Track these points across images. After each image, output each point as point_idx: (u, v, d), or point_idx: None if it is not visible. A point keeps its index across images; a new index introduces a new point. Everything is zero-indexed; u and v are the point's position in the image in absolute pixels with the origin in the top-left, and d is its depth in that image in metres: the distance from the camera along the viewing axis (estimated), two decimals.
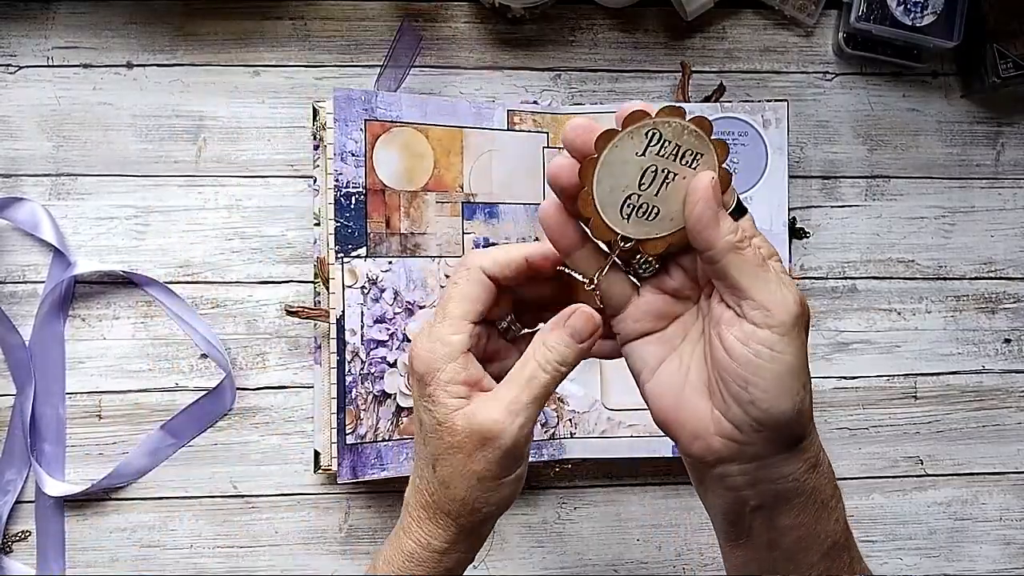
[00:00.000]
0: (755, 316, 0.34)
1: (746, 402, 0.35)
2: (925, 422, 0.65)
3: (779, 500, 0.36)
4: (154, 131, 0.61)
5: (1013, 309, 0.65)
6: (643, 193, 0.36)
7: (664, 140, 0.36)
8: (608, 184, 0.36)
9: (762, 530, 0.37)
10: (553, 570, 0.62)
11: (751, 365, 0.34)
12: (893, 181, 0.65)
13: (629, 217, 0.36)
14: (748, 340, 0.34)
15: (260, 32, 0.61)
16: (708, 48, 0.64)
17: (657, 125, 0.35)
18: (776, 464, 0.36)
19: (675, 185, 0.36)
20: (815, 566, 0.37)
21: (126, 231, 0.60)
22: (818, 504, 0.37)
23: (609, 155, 0.36)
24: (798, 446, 0.36)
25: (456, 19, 0.63)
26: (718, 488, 0.37)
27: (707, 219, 0.34)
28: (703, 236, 0.34)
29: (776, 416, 0.34)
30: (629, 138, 0.36)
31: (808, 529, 0.37)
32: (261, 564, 0.60)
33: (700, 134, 0.36)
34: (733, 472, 0.36)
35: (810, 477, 0.36)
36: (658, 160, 0.36)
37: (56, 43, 0.60)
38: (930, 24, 0.60)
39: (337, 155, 0.55)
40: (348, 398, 0.55)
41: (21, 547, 0.59)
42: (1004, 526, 0.65)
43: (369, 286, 0.56)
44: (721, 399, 0.36)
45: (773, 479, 0.36)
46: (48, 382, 0.59)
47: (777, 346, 0.34)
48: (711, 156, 0.36)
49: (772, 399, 0.34)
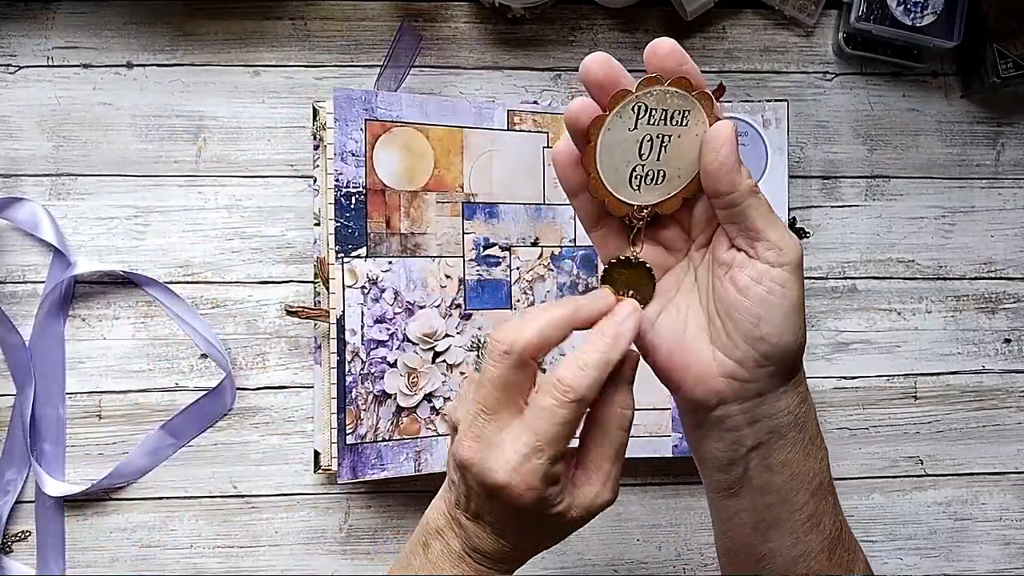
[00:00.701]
0: (769, 256, 0.37)
1: (756, 338, 0.37)
2: (925, 422, 0.65)
3: (774, 436, 0.39)
4: (154, 131, 0.61)
5: (1013, 309, 0.65)
6: (646, 162, 0.38)
7: (651, 110, 0.37)
8: (611, 165, 0.38)
9: (758, 471, 0.39)
10: (553, 570, 0.62)
11: (764, 302, 0.37)
12: (893, 181, 0.65)
13: (640, 187, 0.38)
14: (761, 279, 0.37)
15: (260, 32, 0.61)
16: (708, 48, 0.64)
17: (640, 98, 0.37)
18: (775, 398, 0.38)
19: (673, 145, 0.38)
20: (804, 506, 0.39)
21: (126, 231, 0.60)
22: (807, 439, 0.39)
23: (604, 138, 0.38)
24: (794, 379, 0.39)
25: (456, 19, 0.63)
26: (717, 431, 0.39)
27: (731, 163, 0.36)
28: (728, 179, 0.36)
29: (783, 349, 0.37)
30: (618, 118, 0.37)
31: (799, 466, 0.39)
32: (261, 564, 0.60)
33: (682, 93, 0.37)
34: (734, 412, 0.38)
35: (801, 410, 0.39)
36: (650, 129, 0.38)
37: (56, 43, 0.60)
38: (930, 24, 0.60)
39: (337, 155, 0.55)
40: (348, 398, 0.55)
41: (21, 547, 0.59)
42: (1004, 526, 0.65)
43: (369, 286, 0.56)
44: (726, 339, 0.38)
45: (771, 414, 0.38)
46: (48, 382, 0.59)
47: (787, 283, 0.37)
48: (698, 109, 0.38)
49: (781, 333, 0.37)
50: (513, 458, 0.35)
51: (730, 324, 0.38)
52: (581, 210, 0.40)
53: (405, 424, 0.56)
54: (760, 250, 0.37)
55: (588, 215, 0.40)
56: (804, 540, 0.40)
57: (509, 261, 0.59)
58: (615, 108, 0.37)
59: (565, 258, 0.60)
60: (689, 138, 0.38)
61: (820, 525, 0.40)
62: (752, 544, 0.41)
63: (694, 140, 0.38)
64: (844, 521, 0.42)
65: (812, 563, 0.40)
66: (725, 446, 0.39)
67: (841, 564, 0.41)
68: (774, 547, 0.40)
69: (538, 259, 0.59)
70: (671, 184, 0.39)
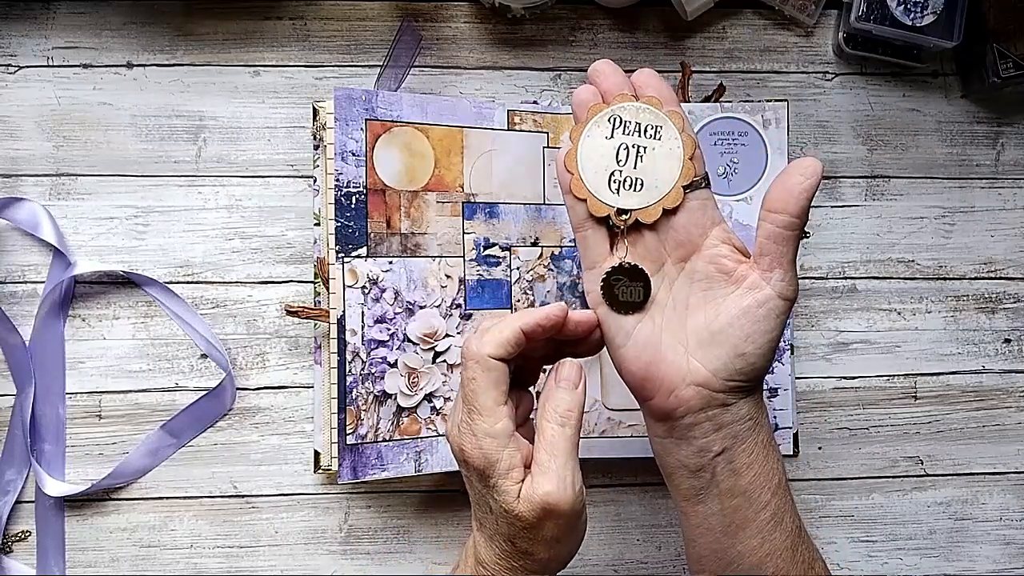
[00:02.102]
0: (780, 287, 0.41)
1: (738, 355, 0.41)
2: (925, 422, 0.65)
3: (737, 440, 0.42)
4: (154, 131, 0.61)
5: (1013, 309, 0.65)
6: (623, 168, 0.42)
7: (625, 122, 0.42)
8: (592, 168, 0.42)
9: (725, 474, 0.42)
10: None
11: (758, 325, 0.40)
12: (893, 181, 0.65)
13: (619, 191, 0.42)
14: (764, 303, 0.40)
15: (260, 32, 0.61)
16: (708, 48, 0.64)
17: (615, 111, 0.42)
18: (738, 407, 0.42)
19: (648, 156, 0.42)
20: (768, 505, 0.42)
21: (126, 231, 0.60)
22: (765, 440, 0.43)
23: (583, 144, 0.42)
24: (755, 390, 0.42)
25: (456, 19, 0.63)
26: (687, 439, 0.42)
27: (811, 192, 0.40)
28: (801, 204, 0.40)
29: (756, 369, 0.41)
30: (596, 127, 0.42)
31: (761, 466, 0.42)
32: (261, 564, 0.60)
33: (653, 110, 0.42)
34: (701, 419, 0.41)
35: (759, 415, 0.43)
36: (626, 138, 0.42)
37: (56, 43, 0.60)
38: (930, 24, 0.60)
39: (338, 154, 0.55)
40: (348, 398, 0.55)
41: (21, 547, 0.59)
42: (1004, 526, 0.65)
43: (369, 286, 0.56)
44: (707, 351, 0.41)
45: (734, 420, 0.42)
46: (48, 382, 0.59)
47: (781, 316, 0.41)
48: (670, 126, 0.42)
49: (760, 355, 0.41)
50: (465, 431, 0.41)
51: (719, 337, 0.41)
52: (571, 209, 0.44)
53: (405, 424, 0.56)
54: (775, 278, 0.41)
55: (576, 215, 0.44)
56: (770, 539, 0.42)
57: (509, 261, 0.59)
58: (592, 118, 0.42)
59: (565, 258, 0.60)
60: (664, 151, 0.42)
61: (783, 523, 0.42)
62: (722, 548, 0.43)
63: (668, 154, 0.42)
64: (801, 519, 0.44)
65: (778, 561, 0.42)
66: (694, 452, 0.42)
67: (804, 560, 0.43)
68: (743, 548, 0.42)
69: (538, 259, 0.59)
70: (650, 193, 0.42)
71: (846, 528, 0.64)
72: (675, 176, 0.42)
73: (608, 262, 0.43)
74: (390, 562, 0.61)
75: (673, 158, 0.42)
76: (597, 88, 0.43)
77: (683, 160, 0.42)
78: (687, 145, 0.42)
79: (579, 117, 0.43)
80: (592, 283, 0.43)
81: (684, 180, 0.42)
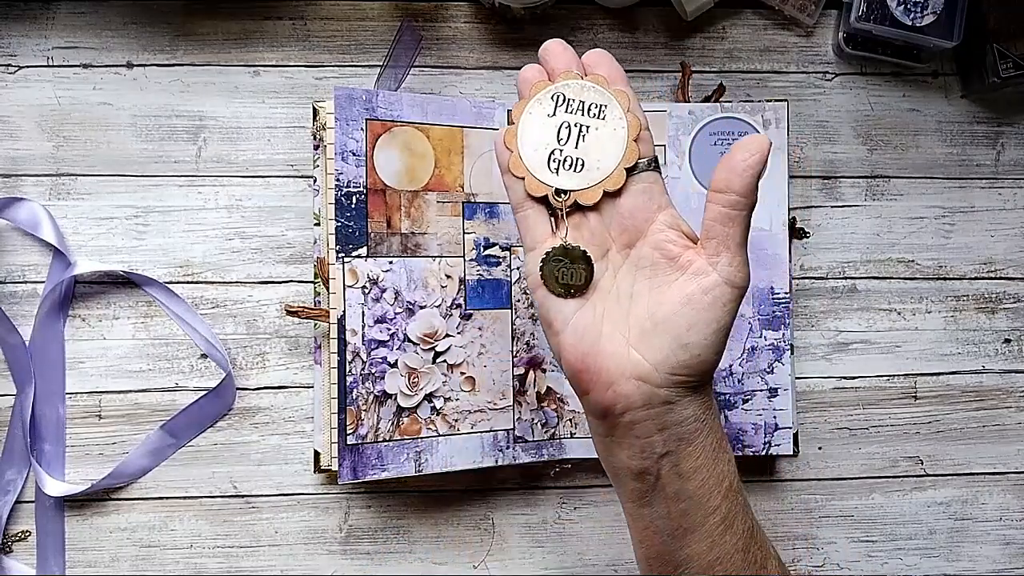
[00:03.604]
0: (728, 272, 0.38)
1: (680, 345, 0.38)
2: (925, 422, 0.65)
3: (683, 443, 0.39)
4: (154, 131, 0.61)
5: (1013, 309, 0.65)
6: (564, 148, 0.41)
7: (568, 100, 0.41)
8: (531, 145, 0.41)
9: (670, 478, 0.40)
10: (553, 570, 0.62)
11: (703, 313, 0.38)
12: (893, 181, 0.65)
13: (558, 171, 0.41)
14: (711, 290, 0.38)
15: (260, 32, 0.61)
16: (708, 48, 0.64)
17: (558, 88, 0.41)
18: (682, 407, 0.39)
19: (591, 136, 0.41)
20: (717, 510, 0.40)
21: (126, 231, 0.60)
22: (714, 443, 0.40)
23: (524, 122, 0.41)
24: (702, 389, 0.40)
25: (456, 19, 0.63)
26: (628, 439, 0.40)
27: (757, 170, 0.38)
28: (746, 182, 0.38)
29: (700, 362, 0.38)
30: (538, 104, 0.41)
31: (709, 471, 0.40)
32: (261, 564, 0.60)
33: (598, 88, 0.41)
34: (642, 418, 0.39)
35: (707, 417, 0.40)
36: (568, 117, 0.41)
37: (56, 43, 0.60)
38: (930, 24, 0.60)
39: (338, 154, 0.55)
40: (349, 398, 0.55)
41: (21, 547, 0.59)
42: (1004, 526, 0.65)
43: (370, 286, 0.56)
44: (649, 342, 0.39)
45: (679, 421, 0.39)
46: (48, 382, 0.59)
47: (729, 304, 0.38)
48: (615, 105, 0.40)
49: (705, 346, 0.38)
50: None
51: (661, 327, 0.39)
52: (509, 189, 0.42)
53: (406, 424, 0.56)
54: (722, 263, 0.38)
55: (516, 194, 0.42)
56: (720, 543, 0.40)
57: (509, 261, 0.59)
58: (535, 95, 0.41)
59: None
60: (607, 131, 0.40)
61: (733, 526, 0.40)
62: (670, 551, 0.41)
63: (612, 134, 0.40)
64: (755, 519, 0.42)
65: (728, 564, 0.40)
66: (636, 453, 0.40)
67: (755, 562, 0.41)
68: (691, 552, 0.40)
69: None
70: (591, 174, 0.40)
71: (846, 528, 0.64)
72: (618, 157, 0.40)
73: (549, 243, 0.41)
74: (390, 562, 0.61)
75: (617, 139, 0.40)
76: (545, 67, 0.42)
77: (627, 141, 0.40)
78: (632, 126, 0.40)
79: (523, 94, 0.42)
80: (531, 264, 0.41)
81: (627, 162, 0.40)
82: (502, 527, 0.62)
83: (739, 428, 0.60)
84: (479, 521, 0.62)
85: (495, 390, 0.58)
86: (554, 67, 0.41)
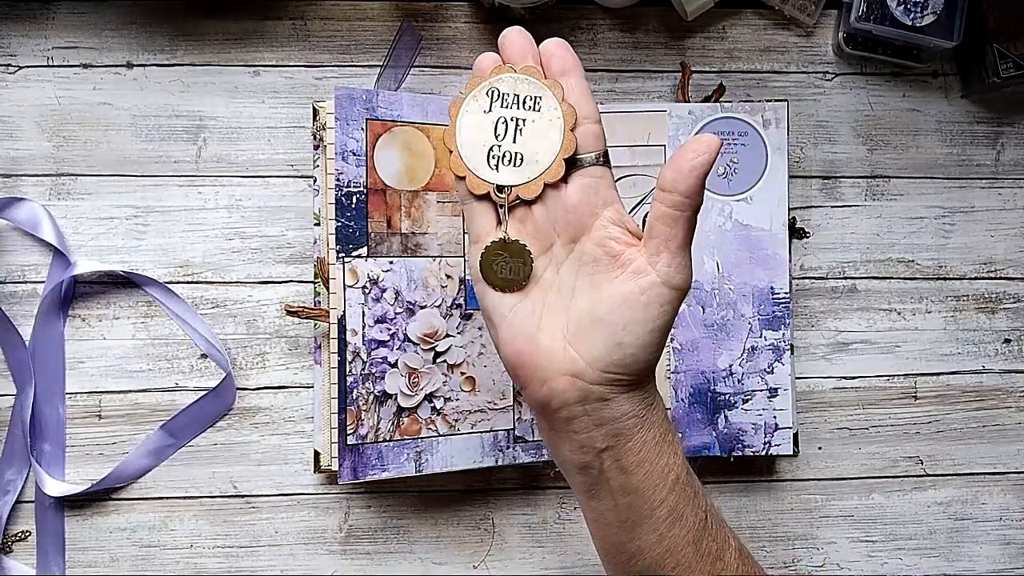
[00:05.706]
0: (666, 273, 0.38)
1: (615, 344, 0.38)
2: (925, 422, 0.65)
3: (622, 439, 0.39)
4: (154, 131, 0.61)
5: (1013, 309, 0.65)
6: (502, 143, 0.40)
7: (503, 94, 0.40)
8: (470, 143, 0.41)
9: (613, 472, 0.40)
10: (553, 570, 0.62)
11: (638, 313, 0.38)
12: (893, 181, 0.65)
13: (498, 167, 0.40)
14: (647, 290, 0.38)
15: (260, 32, 0.61)
16: (708, 48, 0.64)
17: (493, 83, 0.40)
18: (618, 403, 0.39)
19: (528, 129, 0.40)
20: (663, 503, 0.40)
21: (126, 231, 0.60)
22: (657, 438, 0.40)
23: (462, 120, 0.41)
24: (640, 385, 0.40)
25: (456, 19, 0.63)
26: (567, 434, 0.40)
27: (704, 170, 0.37)
28: (692, 183, 0.37)
29: (635, 361, 0.38)
30: (474, 100, 0.40)
31: (652, 464, 0.39)
32: (261, 564, 0.60)
33: (532, 80, 0.40)
34: (578, 413, 0.39)
35: (648, 414, 0.40)
36: (504, 111, 0.40)
37: (56, 43, 0.60)
38: (930, 24, 0.60)
39: (338, 154, 0.55)
40: (349, 398, 0.55)
41: (21, 547, 0.59)
42: (1004, 526, 0.65)
43: (370, 286, 0.56)
44: (584, 339, 0.38)
45: (615, 418, 0.39)
46: (48, 382, 0.59)
47: (667, 305, 0.38)
48: (549, 96, 0.40)
49: (640, 347, 0.38)
50: None
51: (598, 325, 0.38)
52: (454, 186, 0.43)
53: (406, 424, 0.56)
54: (661, 263, 0.38)
55: (460, 192, 0.42)
56: (668, 535, 0.40)
57: None
58: (471, 92, 0.40)
59: None
60: (543, 123, 0.40)
61: (682, 518, 0.40)
62: (621, 543, 0.41)
63: (548, 125, 0.40)
64: (710, 510, 0.42)
65: (679, 556, 0.40)
66: (576, 448, 0.40)
67: (709, 553, 0.41)
68: (641, 544, 0.40)
69: None
70: (530, 168, 0.40)
71: (846, 528, 0.64)
72: (555, 149, 0.40)
73: (492, 237, 0.41)
74: (390, 562, 0.61)
75: (553, 130, 0.40)
76: (503, 56, 0.41)
77: (564, 132, 0.40)
78: (568, 116, 0.40)
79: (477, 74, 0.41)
80: (473, 258, 0.41)
81: (565, 152, 0.40)
82: (502, 527, 0.62)
83: (739, 428, 0.60)
84: (479, 521, 0.62)
85: (495, 390, 0.58)
86: (510, 56, 0.40)
